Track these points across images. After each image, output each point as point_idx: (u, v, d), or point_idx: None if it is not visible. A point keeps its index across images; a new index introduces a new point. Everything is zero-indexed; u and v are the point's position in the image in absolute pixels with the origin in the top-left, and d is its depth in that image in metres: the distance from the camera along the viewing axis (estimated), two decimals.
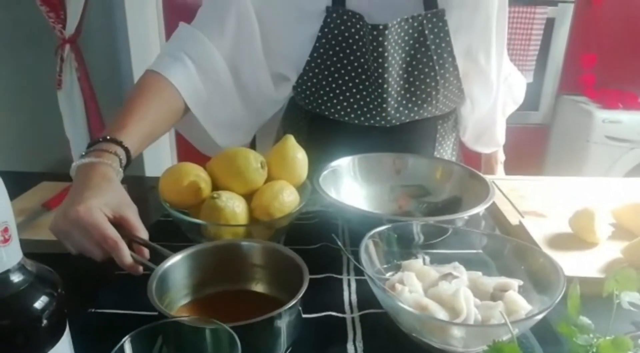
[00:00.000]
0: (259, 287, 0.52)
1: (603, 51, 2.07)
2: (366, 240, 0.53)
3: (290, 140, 0.68)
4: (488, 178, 0.74)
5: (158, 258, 0.51)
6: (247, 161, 0.62)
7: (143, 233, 0.55)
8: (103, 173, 0.57)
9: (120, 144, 0.61)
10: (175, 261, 0.49)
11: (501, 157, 1.09)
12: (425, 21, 0.78)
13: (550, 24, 2.02)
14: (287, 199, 0.61)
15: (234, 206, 0.59)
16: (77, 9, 2.03)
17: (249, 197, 0.63)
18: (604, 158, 2.01)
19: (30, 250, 0.36)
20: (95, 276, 0.57)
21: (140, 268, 0.52)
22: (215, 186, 0.63)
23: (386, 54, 0.77)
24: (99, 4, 2.13)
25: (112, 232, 0.51)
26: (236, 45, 0.80)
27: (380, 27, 0.75)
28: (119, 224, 0.54)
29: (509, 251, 0.55)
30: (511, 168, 1.15)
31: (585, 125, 2.02)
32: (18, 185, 0.79)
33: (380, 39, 0.76)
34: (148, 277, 0.46)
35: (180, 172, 0.59)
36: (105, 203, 0.53)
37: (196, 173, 0.61)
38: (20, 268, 0.30)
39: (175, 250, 0.51)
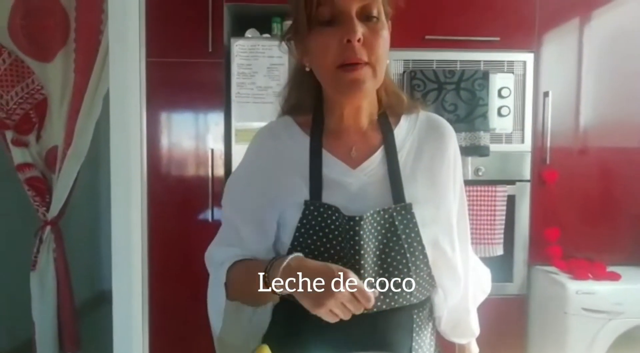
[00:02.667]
0: None
1: (565, 223, 2.19)
2: None
3: (265, 351, 0.67)
4: None
5: None
6: None
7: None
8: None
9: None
10: None
11: (475, 349, 1.09)
12: (395, 213, 0.85)
13: (511, 201, 2.17)
14: None
15: None
16: (63, 194, 2.12)
17: None
18: (584, 330, 2.00)
19: None
20: None
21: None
22: None
23: (362, 242, 0.82)
24: (85, 188, 2.24)
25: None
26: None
27: (356, 218, 0.82)
28: None
29: None
30: (494, 339, 1.12)
31: (560, 296, 2.04)
32: None
33: (357, 228, 0.82)
34: None
35: None
36: None
37: None
38: None
39: None
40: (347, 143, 0.90)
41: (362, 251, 0.82)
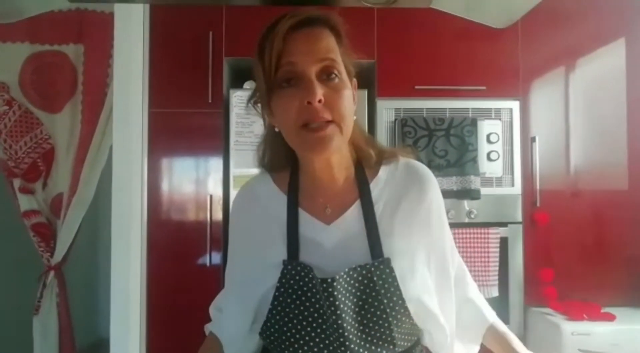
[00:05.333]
0: None
1: (558, 264, 2.22)
2: None
3: None
4: None
5: None
6: None
7: None
8: None
9: None
10: None
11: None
12: (373, 269, 0.83)
13: (504, 243, 2.20)
14: None
15: None
16: (67, 240, 2.18)
17: None
18: None
19: None
20: None
21: None
22: None
23: (337, 303, 0.81)
24: (88, 235, 2.30)
25: None
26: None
27: (329, 280, 0.80)
28: None
29: None
30: None
31: (556, 338, 2.04)
32: None
33: (330, 290, 0.80)
34: None
35: None
36: None
37: None
38: None
39: None
40: (322, 200, 0.90)
41: (338, 311, 0.82)
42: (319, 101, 0.78)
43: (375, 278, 0.83)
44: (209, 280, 2.08)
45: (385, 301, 0.83)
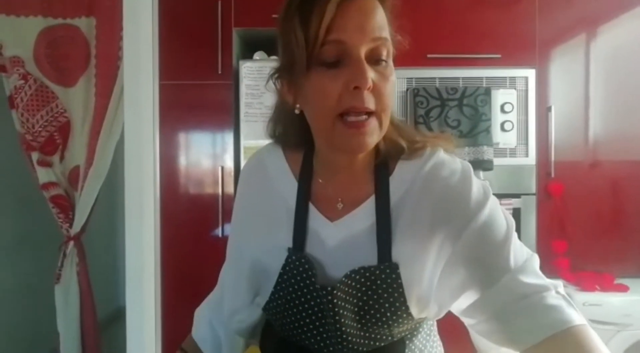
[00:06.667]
0: None
1: (572, 236, 2.20)
2: None
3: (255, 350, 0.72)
4: None
5: None
6: None
7: None
8: None
9: None
10: None
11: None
12: (378, 272, 0.76)
13: (517, 214, 2.19)
14: None
15: None
16: (85, 211, 2.24)
17: None
18: None
19: None
20: None
21: None
22: None
23: (337, 309, 0.77)
24: (106, 206, 2.35)
25: None
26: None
27: (329, 288, 0.76)
28: None
29: None
30: None
31: None
32: None
33: (330, 297, 0.77)
34: None
35: None
36: None
37: None
38: None
39: None
40: (334, 192, 0.83)
41: (337, 316, 0.79)
42: (368, 88, 0.68)
43: (379, 282, 0.76)
44: (222, 251, 2.10)
45: (387, 305, 0.77)
